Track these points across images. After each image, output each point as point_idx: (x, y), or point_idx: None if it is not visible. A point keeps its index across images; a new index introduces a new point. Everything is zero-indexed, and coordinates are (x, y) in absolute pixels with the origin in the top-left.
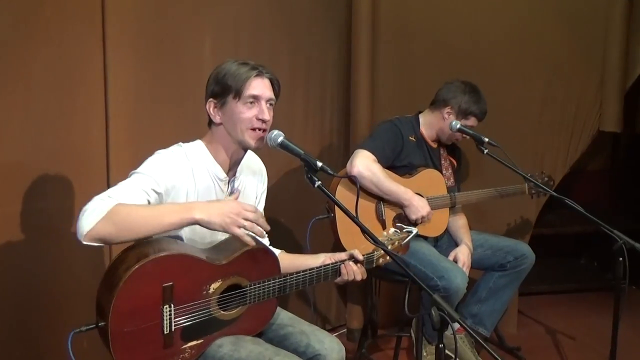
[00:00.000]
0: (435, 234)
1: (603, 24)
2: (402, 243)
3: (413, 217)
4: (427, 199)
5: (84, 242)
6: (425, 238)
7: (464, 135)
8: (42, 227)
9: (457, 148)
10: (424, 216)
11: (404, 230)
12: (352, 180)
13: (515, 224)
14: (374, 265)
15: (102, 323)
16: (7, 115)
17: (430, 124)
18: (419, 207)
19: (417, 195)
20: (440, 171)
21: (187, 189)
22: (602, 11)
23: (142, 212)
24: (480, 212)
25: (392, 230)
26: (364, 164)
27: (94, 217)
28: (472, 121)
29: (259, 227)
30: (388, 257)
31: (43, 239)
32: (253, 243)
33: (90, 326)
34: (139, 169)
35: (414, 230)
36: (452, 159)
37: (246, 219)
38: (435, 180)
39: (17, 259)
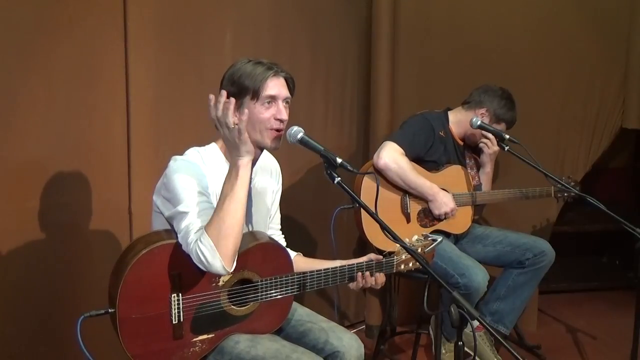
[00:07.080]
0: (459, 231)
1: (626, 20)
2: (425, 250)
3: (437, 212)
4: (452, 195)
5: (231, 271)
6: (448, 235)
7: (484, 134)
8: (62, 222)
9: (479, 148)
10: (447, 212)
11: (429, 238)
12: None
13: (536, 221)
14: (395, 271)
15: (112, 310)
16: (29, 111)
17: (460, 122)
18: (442, 203)
19: (442, 190)
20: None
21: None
22: (626, 7)
23: (224, 212)
24: (501, 208)
25: (415, 237)
26: (391, 156)
27: (211, 253)
28: (501, 127)
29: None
30: (410, 264)
31: (63, 234)
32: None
33: (100, 311)
34: (181, 196)
35: (439, 238)
36: (476, 157)
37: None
38: (461, 177)
39: (37, 253)
